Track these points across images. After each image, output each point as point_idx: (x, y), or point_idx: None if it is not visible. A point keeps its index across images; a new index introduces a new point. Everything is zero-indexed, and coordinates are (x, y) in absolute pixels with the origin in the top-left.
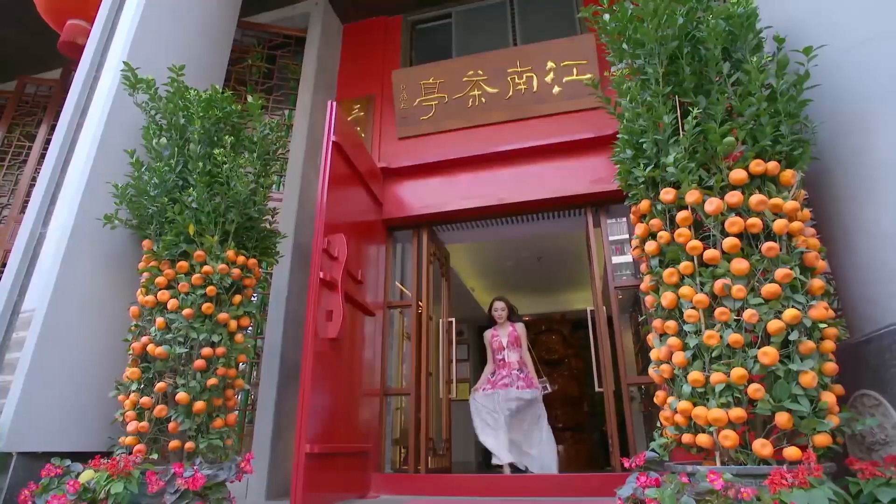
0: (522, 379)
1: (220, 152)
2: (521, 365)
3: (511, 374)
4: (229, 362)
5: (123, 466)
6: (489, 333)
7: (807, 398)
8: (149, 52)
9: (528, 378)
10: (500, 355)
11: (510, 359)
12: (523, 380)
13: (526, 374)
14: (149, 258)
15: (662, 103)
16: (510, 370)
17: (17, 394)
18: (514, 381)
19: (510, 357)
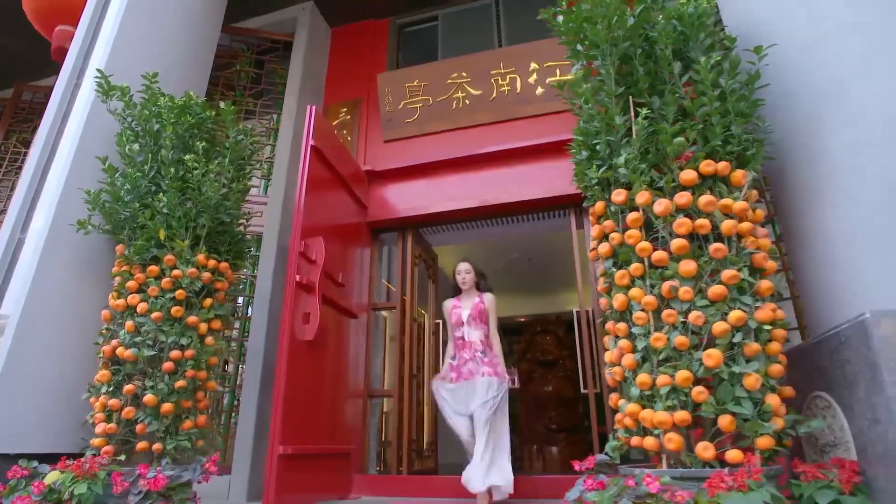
0: (487, 363)
1: (191, 158)
2: (486, 346)
3: (475, 356)
4: (199, 365)
5: (89, 468)
6: (449, 304)
7: (750, 401)
8: (129, 59)
9: (494, 363)
10: (458, 332)
11: (471, 337)
12: (488, 364)
13: (492, 359)
14: (121, 262)
15: (615, 104)
16: (473, 351)
17: None
18: (479, 367)
19: (471, 335)
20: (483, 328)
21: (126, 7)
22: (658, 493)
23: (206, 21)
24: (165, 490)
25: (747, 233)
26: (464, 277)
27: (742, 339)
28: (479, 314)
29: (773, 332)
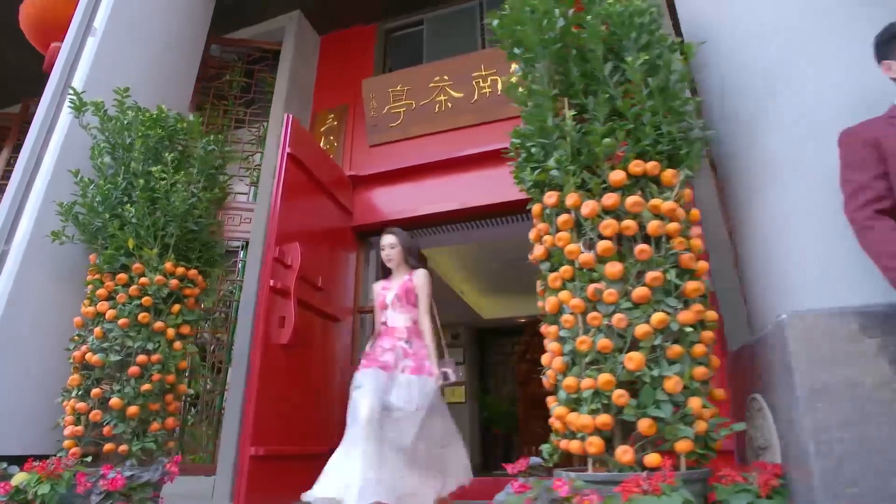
0: (412, 356)
1: (158, 169)
2: (413, 334)
3: (396, 346)
4: (167, 368)
5: (53, 469)
6: (377, 286)
7: (670, 404)
8: (111, 74)
9: (420, 356)
10: (383, 317)
11: (395, 322)
12: (413, 357)
13: (417, 350)
14: (93, 271)
15: (548, 107)
16: (395, 340)
17: None
18: (400, 361)
19: (395, 320)
20: (411, 312)
21: (108, 24)
22: (567, 496)
23: (190, 34)
24: (126, 490)
25: (675, 233)
26: (388, 253)
27: (664, 342)
28: (406, 294)
29: (702, 334)
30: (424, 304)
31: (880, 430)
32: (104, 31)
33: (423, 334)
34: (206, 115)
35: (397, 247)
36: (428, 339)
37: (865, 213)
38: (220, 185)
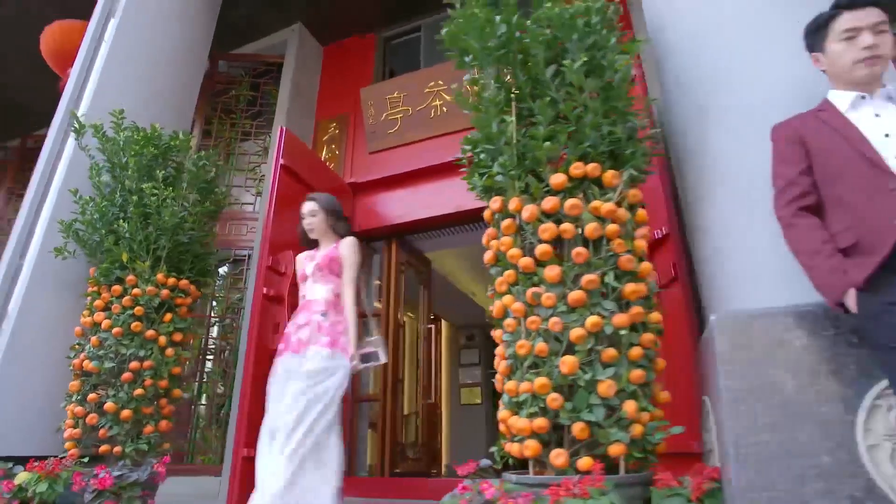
0: (327, 331)
1: (149, 186)
2: (332, 307)
3: (311, 320)
4: (159, 374)
5: (52, 469)
6: (302, 256)
7: (602, 407)
8: (115, 96)
9: (336, 331)
10: (302, 290)
11: (313, 294)
12: (328, 332)
13: (334, 325)
14: (92, 284)
15: (493, 113)
16: (311, 314)
17: None
18: (314, 337)
19: (314, 292)
20: (332, 283)
21: (112, 49)
22: (491, 499)
23: (192, 54)
24: (116, 489)
25: (614, 235)
26: (309, 222)
27: (599, 346)
28: (329, 263)
29: (642, 337)
30: (348, 274)
31: (801, 433)
32: (108, 55)
33: (346, 307)
34: (214, 129)
35: (319, 214)
36: (348, 313)
37: (790, 211)
38: (214, 198)
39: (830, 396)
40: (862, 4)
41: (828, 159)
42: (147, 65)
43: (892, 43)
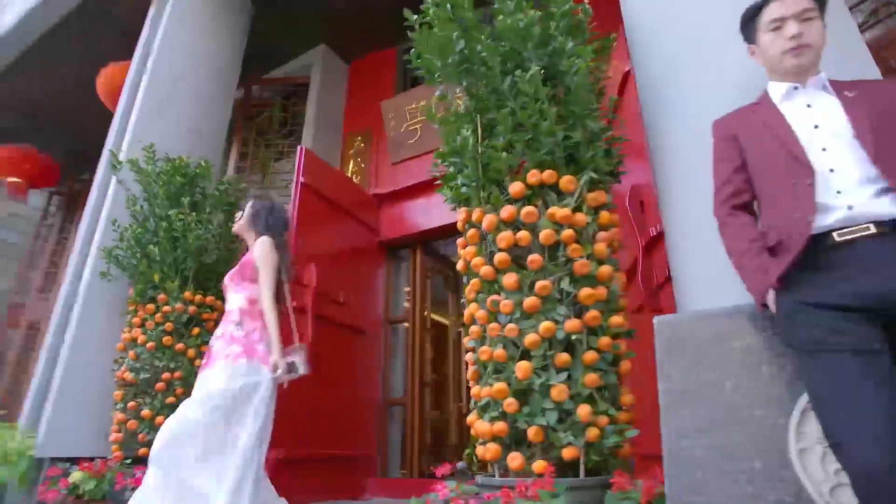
0: (241, 341)
1: (175, 213)
2: (247, 315)
3: (226, 332)
4: (189, 383)
5: (98, 469)
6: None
7: (556, 411)
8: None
9: (251, 341)
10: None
11: (230, 304)
12: (241, 342)
13: (249, 334)
14: (131, 303)
15: (457, 126)
16: (227, 324)
17: (47, 415)
18: (226, 348)
19: (231, 301)
20: (247, 290)
21: (148, 86)
22: (445, 500)
23: (221, 85)
24: None
25: (570, 240)
26: (235, 228)
27: (553, 351)
28: (241, 269)
29: (600, 341)
30: (263, 278)
31: (735, 435)
32: (146, 93)
33: (265, 315)
34: (250, 151)
35: (241, 219)
36: (270, 321)
37: (724, 210)
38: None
39: (766, 399)
40: None
41: (757, 154)
42: (181, 99)
43: (821, 30)
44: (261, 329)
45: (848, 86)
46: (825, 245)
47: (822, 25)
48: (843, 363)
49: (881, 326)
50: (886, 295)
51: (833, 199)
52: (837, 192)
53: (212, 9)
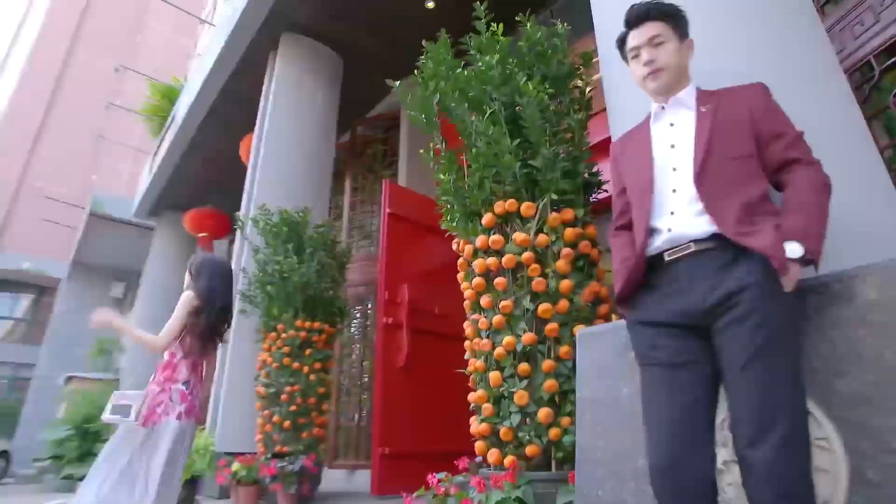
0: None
1: (280, 259)
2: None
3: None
4: (306, 395)
5: (248, 461)
6: None
7: (519, 414)
8: (269, 186)
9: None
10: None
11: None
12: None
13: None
14: (260, 332)
15: (443, 167)
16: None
17: (219, 420)
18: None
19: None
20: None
21: (265, 150)
22: (430, 486)
23: (322, 135)
24: (280, 476)
25: (529, 261)
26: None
27: (515, 361)
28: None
29: (561, 349)
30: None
31: (625, 438)
32: (263, 156)
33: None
34: (359, 183)
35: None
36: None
37: (611, 231)
38: (337, 255)
39: None
40: (636, 23)
41: (628, 176)
42: (289, 153)
43: (673, 51)
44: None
45: (707, 97)
46: (661, 265)
47: (677, 46)
48: (653, 375)
49: (704, 337)
50: (691, 310)
51: (666, 220)
52: (671, 213)
53: (306, 69)
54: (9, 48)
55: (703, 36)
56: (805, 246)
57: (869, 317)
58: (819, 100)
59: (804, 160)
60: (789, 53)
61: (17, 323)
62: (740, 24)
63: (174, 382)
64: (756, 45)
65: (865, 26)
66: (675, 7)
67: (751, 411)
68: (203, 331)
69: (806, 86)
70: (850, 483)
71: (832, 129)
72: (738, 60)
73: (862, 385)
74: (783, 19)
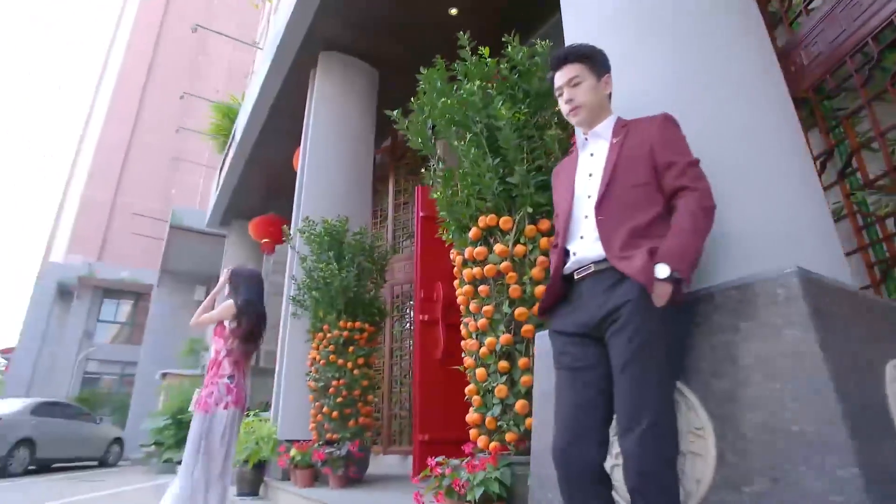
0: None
1: (322, 266)
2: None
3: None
4: (351, 388)
5: (303, 446)
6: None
7: (500, 405)
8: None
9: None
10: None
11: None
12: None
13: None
14: (309, 332)
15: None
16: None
17: (280, 412)
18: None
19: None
20: (217, 343)
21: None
22: (429, 467)
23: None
24: (328, 460)
25: (507, 270)
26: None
27: (496, 359)
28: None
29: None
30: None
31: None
32: (307, 166)
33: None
34: (401, 186)
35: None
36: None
37: (551, 249)
38: (377, 260)
39: None
40: (558, 66)
41: (557, 201)
42: (329, 163)
43: (588, 90)
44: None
45: (620, 129)
46: (574, 283)
47: (593, 84)
48: (560, 376)
49: (602, 345)
50: (588, 322)
51: (576, 243)
52: (581, 237)
53: (343, 84)
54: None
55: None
56: (672, 266)
57: (740, 324)
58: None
59: (690, 187)
60: (718, 64)
61: (121, 326)
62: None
63: (220, 377)
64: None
65: (863, 7)
66: (590, 49)
67: (625, 407)
68: (243, 334)
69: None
70: (716, 464)
71: (761, 140)
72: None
73: (731, 384)
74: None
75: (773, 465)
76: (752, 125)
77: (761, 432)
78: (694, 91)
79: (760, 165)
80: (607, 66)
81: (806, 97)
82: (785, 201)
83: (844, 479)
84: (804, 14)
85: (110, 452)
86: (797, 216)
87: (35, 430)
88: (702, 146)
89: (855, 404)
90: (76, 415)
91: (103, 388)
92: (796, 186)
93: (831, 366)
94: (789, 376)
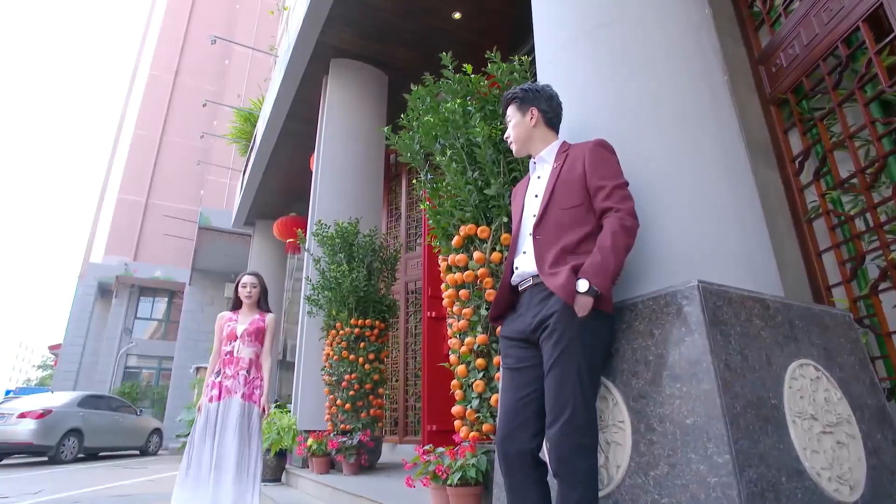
0: (247, 384)
1: (333, 267)
2: (253, 366)
3: (238, 374)
4: (363, 381)
5: (318, 437)
6: (224, 316)
7: (478, 399)
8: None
9: (254, 385)
10: (228, 346)
11: (241, 353)
12: (248, 385)
13: (253, 381)
14: (323, 329)
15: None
16: (238, 369)
17: (299, 404)
18: (238, 387)
19: (241, 351)
20: (256, 347)
21: (322, 165)
22: (417, 454)
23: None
24: (341, 448)
25: (484, 276)
26: (249, 291)
27: (471, 357)
28: (256, 332)
29: None
30: (269, 343)
31: None
32: (321, 169)
33: (264, 368)
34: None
35: (258, 287)
36: (266, 374)
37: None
38: (387, 260)
39: None
40: (503, 110)
41: (512, 218)
42: (342, 166)
43: (517, 127)
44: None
45: (562, 154)
46: (519, 294)
47: (520, 120)
48: (504, 376)
49: (538, 349)
50: (525, 329)
51: (520, 258)
52: (524, 253)
53: (354, 89)
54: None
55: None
56: (591, 282)
57: (654, 330)
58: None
59: (615, 209)
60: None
61: (158, 323)
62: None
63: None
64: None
65: (833, 11)
66: (520, 91)
67: (550, 403)
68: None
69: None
70: (632, 452)
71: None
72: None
73: (645, 383)
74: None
75: (671, 453)
76: (688, 147)
77: (665, 425)
78: (632, 117)
79: (696, 183)
80: (535, 100)
81: (785, 98)
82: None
83: (719, 463)
84: (783, 16)
85: (150, 442)
86: (726, 231)
87: (83, 421)
88: (638, 168)
89: (739, 402)
90: (119, 407)
91: (143, 381)
92: (727, 202)
93: (719, 368)
94: (687, 377)
